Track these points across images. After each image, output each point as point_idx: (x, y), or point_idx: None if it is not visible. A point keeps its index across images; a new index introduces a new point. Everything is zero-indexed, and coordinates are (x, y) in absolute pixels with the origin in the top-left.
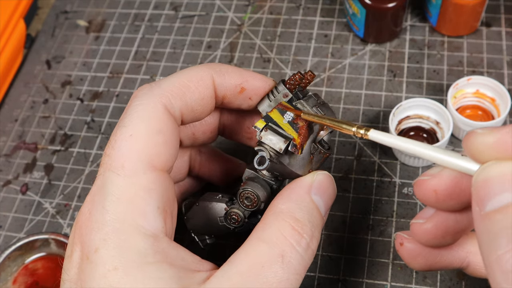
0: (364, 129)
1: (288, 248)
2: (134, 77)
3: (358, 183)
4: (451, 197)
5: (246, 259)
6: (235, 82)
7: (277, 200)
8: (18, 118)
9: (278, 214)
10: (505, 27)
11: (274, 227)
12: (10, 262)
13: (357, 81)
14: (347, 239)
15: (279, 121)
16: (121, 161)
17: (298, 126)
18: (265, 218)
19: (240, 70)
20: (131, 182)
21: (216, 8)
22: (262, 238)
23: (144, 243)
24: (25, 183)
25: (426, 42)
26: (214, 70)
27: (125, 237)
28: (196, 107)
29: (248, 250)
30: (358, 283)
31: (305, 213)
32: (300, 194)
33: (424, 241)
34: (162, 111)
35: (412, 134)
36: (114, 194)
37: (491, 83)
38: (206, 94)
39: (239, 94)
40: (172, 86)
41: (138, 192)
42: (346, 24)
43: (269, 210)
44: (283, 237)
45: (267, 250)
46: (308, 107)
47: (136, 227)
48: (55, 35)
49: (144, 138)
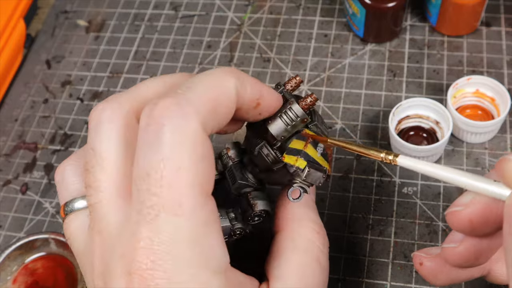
0: (392, 155)
1: (319, 253)
2: (134, 76)
3: (358, 183)
4: (486, 224)
5: (293, 271)
6: (254, 96)
7: (289, 204)
8: (18, 118)
9: (300, 220)
10: (505, 27)
11: (303, 234)
12: (10, 262)
13: (357, 81)
14: (347, 238)
15: (314, 156)
16: (177, 200)
17: (328, 156)
18: (287, 226)
19: (259, 83)
20: (192, 221)
21: (216, 8)
22: (297, 248)
23: (221, 283)
24: (25, 183)
25: (426, 42)
26: (238, 80)
27: (203, 283)
28: (222, 122)
29: (290, 261)
30: (358, 282)
31: (315, 213)
32: (305, 196)
33: (457, 264)
34: (202, 134)
35: (412, 133)
36: (178, 238)
37: (491, 82)
38: (232, 107)
39: (253, 108)
40: (204, 102)
41: (202, 229)
42: (346, 24)
43: (287, 217)
44: (312, 242)
45: (305, 258)
46: (321, 127)
47: (211, 268)
48: (55, 35)
49: (194, 169)
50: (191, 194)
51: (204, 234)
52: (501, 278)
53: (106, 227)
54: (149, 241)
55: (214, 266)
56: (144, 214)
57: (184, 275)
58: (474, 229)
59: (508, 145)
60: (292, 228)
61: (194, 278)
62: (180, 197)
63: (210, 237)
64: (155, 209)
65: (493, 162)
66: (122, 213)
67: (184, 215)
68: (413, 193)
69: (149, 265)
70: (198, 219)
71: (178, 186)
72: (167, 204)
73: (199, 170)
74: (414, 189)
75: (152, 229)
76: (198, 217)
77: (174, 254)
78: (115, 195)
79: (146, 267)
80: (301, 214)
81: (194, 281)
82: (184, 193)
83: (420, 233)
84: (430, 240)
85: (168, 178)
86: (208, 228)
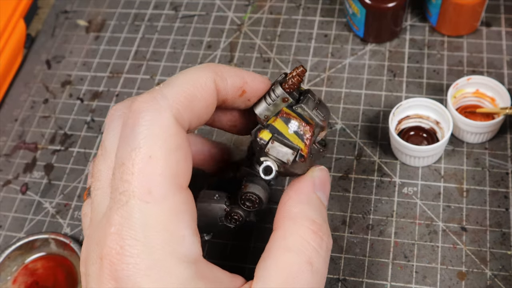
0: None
1: (313, 253)
2: (134, 77)
3: (358, 183)
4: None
5: (278, 273)
6: (237, 85)
7: (287, 203)
8: (18, 118)
9: (295, 219)
10: (505, 27)
11: (296, 234)
12: (10, 262)
13: (357, 81)
14: (347, 239)
15: (284, 132)
16: (147, 187)
17: (305, 137)
18: (282, 225)
19: (240, 72)
20: (162, 208)
21: (216, 8)
22: (287, 247)
23: (187, 272)
24: (25, 183)
25: (426, 42)
26: (216, 74)
27: (168, 269)
28: (202, 115)
29: (277, 261)
30: (358, 283)
31: (317, 213)
32: (308, 194)
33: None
34: (175, 126)
35: (412, 134)
36: (147, 225)
37: (491, 83)
38: (211, 101)
39: (239, 97)
40: (179, 96)
41: (171, 217)
42: (346, 24)
43: (283, 215)
44: (307, 243)
45: (295, 259)
46: (308, 110)
47: (177, 256)
48: (55, 35)
49: (165, 158)
50: (162, 182)
51: (173, 223)
52: None
53: (96, 216)
54: (119, 227)
55: (181, 254)
56: (116, 200)
57: (149, 260)
58: None
59: (508, 145)
60: (286, 226)
61: (158, 264)
62: (150, 184)
63: (180, 226)
64: (126, 195)
65: (493, 162)
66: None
67: (154, 202)
68: (413, 193)
69: (118, 250)
70: (168, 207)
71: (148, 174)
72: (137, 191)
73: (171, 160)
74: (414, 189)
75: (123, 214)
76: (168, 205)
77: (141, 240)
78: (108, 184)
79: (115, 252)
80: (298, 212)
81: (158, 267)
82: (154, 180)
83: (420, 233)
84: (430, 240)
85: (139, 166)
86: (178, 217)
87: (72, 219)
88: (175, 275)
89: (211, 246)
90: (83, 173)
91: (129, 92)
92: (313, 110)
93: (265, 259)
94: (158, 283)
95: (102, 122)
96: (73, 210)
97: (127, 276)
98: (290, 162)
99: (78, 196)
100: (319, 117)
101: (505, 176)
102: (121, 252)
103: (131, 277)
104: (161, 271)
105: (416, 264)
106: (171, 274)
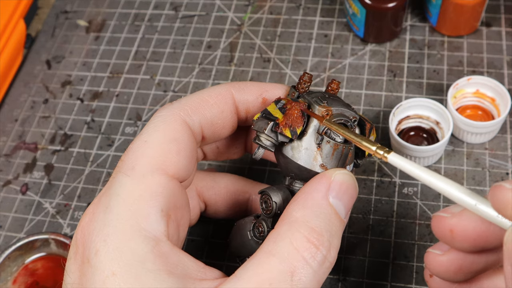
0: (384, 150)
1: (299, 264)
2: (134, 77)
3: (358, 183)
4: (466, 239)
5: (254, 275)
6: (255, 93)
7: (291, 206)
8: (18, 118)
9: (292, 223)
10: (505, 27)
11: (287, 239)
12: (10, 262)
13: (357, 81)
14: (347, 239)
15: (271, 110)
16: (132, 164)
17: (286, 109)
18: (277, 228)
19: (259, 83)
20: (138, 183)
21: (216, 8)
22: (273, 252)
23: (144, 246)
24: (25, 183)
25: (426, 42)
26: (233, 86)
27: (125, 239)
28: (215, 121)
29: (257, 264)
30: (358, 283)
31: (322, 221)
32: (316, 199)
33: (435, 272)
34: (179, 123)
35: (412, 134)
36: (120, 195)
37: (491, 83)
38: (226, 108)
39: (261, 105)
40: (190, 101)
41: (144, 194)
42: (346, 24)
43: (283, 219)
44: (296, 250)
45: (277, 265)
46: (308, 98)
47: (138, 229)
48: (55, 35)
49: (158, 145)
50: (146, 162)
51: (143, 199)
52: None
53: None
54: (99, 196)
55: (142, 229)
56: (111, 176)
57: (110, 227)
58: (453, 240)
59: (508, 145)
60: (280, 230)
61: (117, 232)
62: (135, 162)
63: (149, 204)
64: (116, 170)
65: (493, 162)
66: None
67: (132, 177)
68: (413, 193)
69: (90, 216)
70: (144, 185)
71: (138, 154)
72: (124, 167)
73: (163, 148)
74: (414, 189)
75: (107, 185)
76: (145, 183)
77: (110, 208)
78: None
79: (88, 218)
80: (299, 217)
81: (116, 235)
82: (140, 159)
83: (420, 233)
84: (430, 241)
85: (134, 147)
86: (151, 196)
87: (72, 219)
88: (131, 246)
89: (211, 246)
90: (83, 173)
91: (129, 92)
92: (313, 98)
93: (250, 259)
94: (114, 252)
95: (102, 122)
96: (73, 210)
97: (90, 241)
98: (266, 131)
99: (78, 196)
100: (317, 102)
101: (505, 176)
102: (92, 218)
103: (93, 242)
104: (118, 240)
105: (416, 264)
106: (128, 244)
